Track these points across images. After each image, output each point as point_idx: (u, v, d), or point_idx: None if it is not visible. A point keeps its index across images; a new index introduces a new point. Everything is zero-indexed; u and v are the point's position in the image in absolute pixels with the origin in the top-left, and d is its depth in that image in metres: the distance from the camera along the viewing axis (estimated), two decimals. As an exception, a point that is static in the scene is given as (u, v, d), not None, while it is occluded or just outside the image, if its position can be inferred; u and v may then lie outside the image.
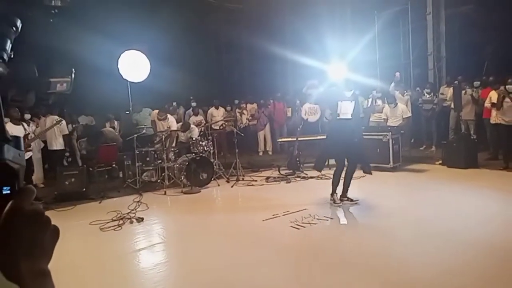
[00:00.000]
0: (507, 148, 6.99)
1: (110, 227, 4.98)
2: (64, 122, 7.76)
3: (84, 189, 6.68)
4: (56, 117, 7.38)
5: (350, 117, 5.17)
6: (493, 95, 7.05)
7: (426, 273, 3.20)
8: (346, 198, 5.35)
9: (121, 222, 5.14)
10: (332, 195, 5.29)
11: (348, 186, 5.33)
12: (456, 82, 9.47)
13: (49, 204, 6.31)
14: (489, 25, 11.09)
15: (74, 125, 9.31)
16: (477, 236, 3.93)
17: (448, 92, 9.24)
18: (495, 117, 7.02)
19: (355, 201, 5.32)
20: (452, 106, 8.58)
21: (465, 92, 8.65)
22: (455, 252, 3.63)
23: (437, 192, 5.81)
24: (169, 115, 8.09)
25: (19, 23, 0.67)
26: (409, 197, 5.67)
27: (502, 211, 4.73)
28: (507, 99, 6.66)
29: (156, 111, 8.11)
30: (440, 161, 7.67)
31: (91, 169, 7.33)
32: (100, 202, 6.42)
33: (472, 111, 8.67)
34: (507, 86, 6.68)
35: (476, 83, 8.89)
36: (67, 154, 9.01)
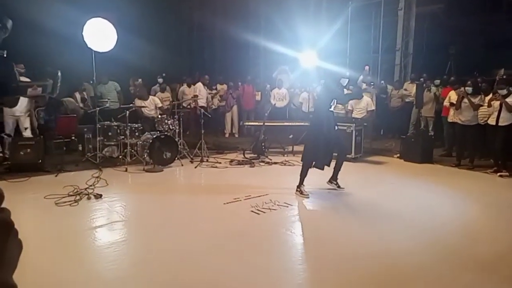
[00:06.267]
0: (460, 146, 7.37)
1: (66, 202, 4.84)
2: None
3: (40, 161, 6.42)
4: None
5: (332, 109, 5.34)
6: (452, 95, 7.37)
7: (364, 250, 3.42)
8: (335, 183, 5.55)
9: (78, 197, 5.00)
10: (299, 186, 5.31)
11: (338, 172, 5.52)
12: (421, 79, 9.83)
13: (2, 175, 6.04)
14: (456, 27, 11.50)
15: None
16: (421, 226, 4.17)
17: (412, 88, 9.57)
18: (452, 116, 7.36)
19: (341, 187, 5.52)
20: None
21: (429, 89, 8.99)
22: (397, 236, 3.86)
23: (391, 184, 6.09)
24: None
25: (9, 24, 0.67)
26: (367, 188, 5.88)
27: (446, 206, 5.02)
28: (465, 100, 6.98)
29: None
30: (398, 155, 7.99)
31: (48, 140, 7.04)
32: (56, 176, 6.20)
33: (433, 109, 9.05)
34: (466, 88, 6.99)
35: (437, 82, 9.26)
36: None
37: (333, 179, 5.58)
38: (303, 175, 5.30)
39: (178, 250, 3.59)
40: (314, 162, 5.28)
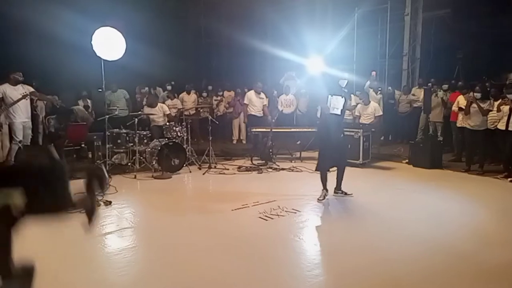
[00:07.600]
0: (469, 151, 7.31)
1: (76, 209, 4.87)
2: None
3: (50, 168, 6.48)
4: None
5: (339, 113, 5.27)
6: (461, 100, 7.33)
7: (372, 257, 3.45)
8: (340, 191, 5.51)
9: (88, 204, 5.04)
10: (323, 190, 5.34)
11: (341, 181, 5.48)
12: (429, 84, 9.78)
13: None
14: (463, 32, 11.44)
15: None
16: (429, 233, 4.14)
17: (420, 94, 9.53)
18: (461, 121, 7.32)
19: (349, 194, 5.49)
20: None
21: (436, 94, 8.95)
22: (406, 243, 3.89)
23: (400, 190, 6.05)
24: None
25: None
26: (375, 194, 5.85)
27: (456, 211, 4.97)
28: (474, 105, 6.94)
29: None
30: (407, 160, 7.94)
31: (58, 148, 7.11)
32: (66, 183, 6.26)
33: (441, 114, 8.98)
34: (475, 94, 6.95)
35: (445, 86, 9.21)
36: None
37: (338, 189, 5.53)
38: (322, 181, 5.33)
39: (187, 256, 3.61)
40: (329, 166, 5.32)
